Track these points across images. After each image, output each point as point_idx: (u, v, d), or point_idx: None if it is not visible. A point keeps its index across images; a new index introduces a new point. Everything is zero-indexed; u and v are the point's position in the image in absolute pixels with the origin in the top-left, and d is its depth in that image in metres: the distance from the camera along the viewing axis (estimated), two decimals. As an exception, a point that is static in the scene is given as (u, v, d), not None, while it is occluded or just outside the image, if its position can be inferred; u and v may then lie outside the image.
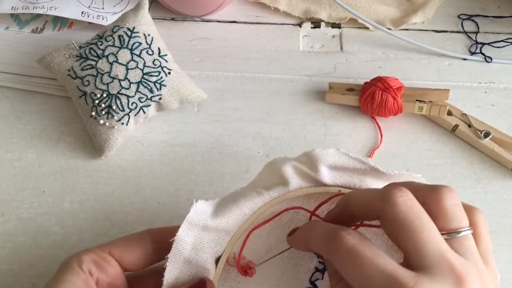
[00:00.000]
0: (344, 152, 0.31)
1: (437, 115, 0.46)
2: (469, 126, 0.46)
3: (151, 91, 0.45)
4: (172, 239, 0.29)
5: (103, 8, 0.56)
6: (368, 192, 0.27)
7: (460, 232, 0.24)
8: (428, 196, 0.25)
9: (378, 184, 0.32)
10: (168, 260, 0.29)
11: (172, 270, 0.29)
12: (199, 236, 0.30)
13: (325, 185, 0.31)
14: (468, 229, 0.25)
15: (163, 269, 0.29)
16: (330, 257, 0.25)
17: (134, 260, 0.30)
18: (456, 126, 0.46)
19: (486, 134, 0.45)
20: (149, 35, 0.46)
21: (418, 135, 0.47)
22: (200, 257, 0.29)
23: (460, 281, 0.22)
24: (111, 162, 0.45)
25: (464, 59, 0.54)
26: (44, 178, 0.43)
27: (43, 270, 0.38)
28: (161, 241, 0.30)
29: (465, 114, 0.47)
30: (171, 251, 0.29)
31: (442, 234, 0.24)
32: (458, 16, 0.59)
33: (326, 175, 0.31)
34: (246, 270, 0.31)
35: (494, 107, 0.49)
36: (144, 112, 0.45)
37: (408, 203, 0.24)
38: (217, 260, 0.31)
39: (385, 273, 0.22)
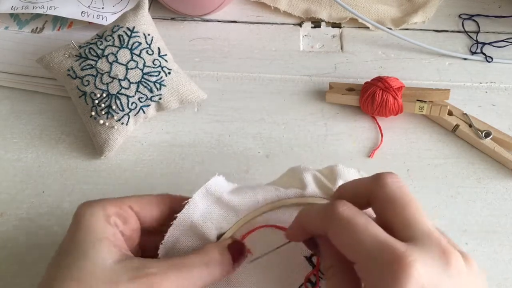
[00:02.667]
0: (364, 174, 0.33)
1: (437, 115, 0.46)
2: (470, 126, 0.46)
3: (151, 91, 0.45)
4: (185, 202, 0.30)
5: (103, 8, 0.56)
6: (319, 207, 0.27)
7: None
8: None
9: None
10: (176, 219, 0.30)
11: (177, 229, 0.30)
12: (211, 207, 0.31)
13: None
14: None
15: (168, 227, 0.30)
16: (326, 230, 0.25)
17: (150, 219, 0.31)
18: (457, 126, 0.46)
19: (487, 134, 0.45)
20: (149, 34, 0.46)
21: (418, 135, 0.47)
22: (206, 226, 0.30)
23: (446, 255, 0.23)
24: (111, 162, 0.45)
25: (465, 59, 0.54)
26: (44, 178, 0.43)
27: (43, 270, 0.38)
28: (178, 209, 0.30)
29: (465, 114, 0.47)
30: (181, 212, 0.30)
31: None
32: (459, 16, 0.59)
33: None
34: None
35: (494, 107, 0.49)
36: (144, 112, 0.45)
37: (398, 183, 0.26)
38: (218, 238, 0.31)
39: (378, 240, 0.23)
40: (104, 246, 0.27)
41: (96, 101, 0.44)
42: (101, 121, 0.44)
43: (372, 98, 0.46)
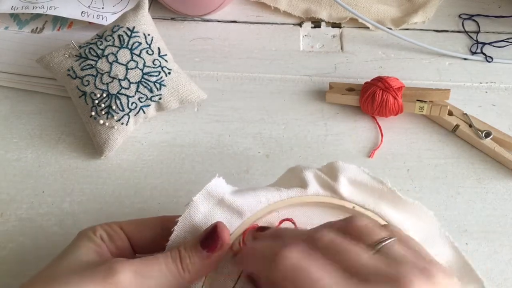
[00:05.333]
0: (365, 170, 0.32)
1: (437, 115, 0.46)
2: (470, 126, 0.46)
3: (151, 91, 0.45)
4: (179, 218, 0.29)
5: (103, 8, 0.56)
6: (265, 246, 0.26)
7: (384, 241, 0.24)
8: (344, 226, 0.26)
9: (392, 211, 0.32)
10: (178, 223, 0.29)
11: (179, 234, 0.30)
12: (213, 210, 0.30)
13: (342, 197, 0.32)
14: (390, 238, 0.25)
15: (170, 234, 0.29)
16: (271, 278, 0.24)
17: (143, 241, 0.31)
18: (457, 126, 0.46)
19: (487, 134, 0.45)
20: (149, 35, 0.46)
21: (418, 135, 0.47)
22: None
23: (398, 284, 0.21)
24: (111, 162, 0.45)
25: (465, 59, 0.54)
26: (44, 178, 0.43)
27: (42, 270, 0.38)
28: (171, 228, 0.30)
29: (466, 114, 0.47)
30: (182, 215, 0.30)
31: (369, 250, 0.24)
32: (459, 16, 0.59)
33: (345, 188, 0.32)
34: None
35: (495, 107, 0.49)
36: (144, 112, 0.45)
37: (293, 258, 0.24)
38: None
39: None
40: (84, 249, 0.28)
41: (96, 101, 0.44)
42: (101, 121, 0.43)
43: (372, 98, 0.46)
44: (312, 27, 0.58)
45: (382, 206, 0.32)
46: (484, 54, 0.54)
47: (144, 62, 0.45)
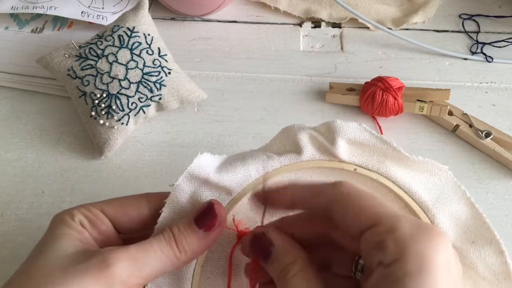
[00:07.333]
0: (366, 128, 0.30)
1: (438, 115, 0.46)
2: (470, 126, 0.46)
3: (151, 91, 0.45)
4: (172, 189, 0.28)
5: (103, 8, 0.56)
6: (315, 184, 0.26)
7: None
8: None
9: (398, 169, 0.30)
10: (165, 206, 0.28)
11: (167, 217, 0.28)
12: (199, 189, 0.29)
13: (341, 160, 0.30)
14: None
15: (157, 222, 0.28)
16: (330, 202, 0.24)
17: (128, 222, 0.29)
18: (457, 126, 0.46)
19: (487, 134, 0.45)
20: (149, 35, 0.46)
21: (419, 135, 0.47)
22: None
23: (434, 233, 0.21)
24: (111, 162, 0.45)
25: (465, 59, 0.54)
26: (44, 178, 0.43)
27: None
28: (158, 207, 0.29)
29: (466, 114, 0.47)
30: (168, 198, 0.28)
31: None
32: (459, 16, 0.59)
33: (343, 150, 0.29)
34: (243, 234, 0.30)
35: (495, 107, 0.49)
36: (144, 112, 0.45)
37: (355, 185, 0.24)
38: None
39: (395, 209, 0.22)
40: (66, 239, 0.26)
41: (96, 101, 0.44)
42: (101, 121, 0.43)
43: (372, 98, 0.46)
44: (312, 27, 0.58)
45: (387, 165, 0.30)
46: (484, 54, 0.54)
47: (144, 62, 0.45)
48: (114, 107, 0.43)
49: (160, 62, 0.46)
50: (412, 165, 0.30)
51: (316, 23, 0.58)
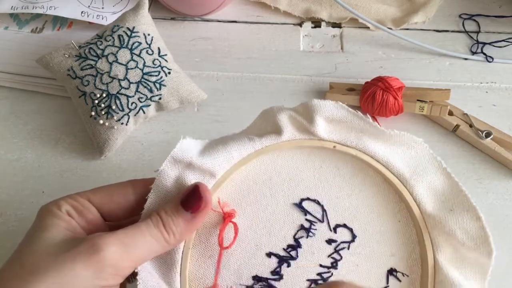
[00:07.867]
0: (343, 105, 0.31)
1: (438, 115, 0.46)
2: (470, 126, 0.46)
3: (151, 91, 0.45)
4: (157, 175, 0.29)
5: (102, 8, 0.56)
6: None
7: None
8: None
9: (376, 145, 0.31)
10: (151, 191, 0.29)
11: (154, 202, 0.29)
12: (184, 173, 0.29)
13: (320, 138, 0.31)
14: None
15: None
16: None
17: (114, 210, 0.29)
18: (457, 126, 0.46)
19: (487, 134, 0.45)
20: (149, 34, 0.46)
21: (419, 135, 0.46)
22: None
23: None
24: (111, 162, 0.45)
25: (465, 59, 0.54)
26: (43, 178, 0.43)
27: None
28: (144, 193, 0.29)
29: (466, 114, 0.47)
30: (153, 184, 0.29)
31: None
32: (459, 16, 0.59)
33: (322, 128, 0.31)
34: (229, 216, 0.30)
35: (495, 107, 0.49)
36: (143, 112, 0.45)
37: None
38: None
39: None
40: (54, 229, 0.26)
41: (96, 101, 0.43)
42: (101, 121, 0.43)
43: (373, 98, 0.46)
44: (312, 27, 0.58)
45: (365, 141, 0.31)
46: (484, 54, 0.54)
47: (144, 62, 0.45)
48: (114, 107, 0.43)
49: (160, 62, 0.46)
50: (389, 139, 0.31)
51: (316, 23, 0.58)
